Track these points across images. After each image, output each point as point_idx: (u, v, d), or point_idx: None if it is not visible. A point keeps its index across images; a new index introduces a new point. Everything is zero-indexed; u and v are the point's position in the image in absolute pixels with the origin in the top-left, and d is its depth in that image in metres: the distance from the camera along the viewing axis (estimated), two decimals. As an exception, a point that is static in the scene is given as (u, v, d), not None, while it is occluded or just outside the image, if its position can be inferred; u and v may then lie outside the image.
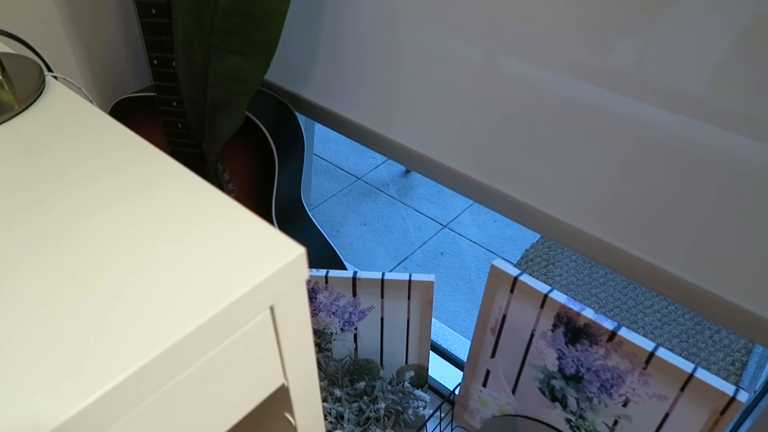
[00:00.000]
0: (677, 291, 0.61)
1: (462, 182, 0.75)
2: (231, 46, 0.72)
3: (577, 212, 0.66)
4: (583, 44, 0.56)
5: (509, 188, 0.70)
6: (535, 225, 0.70)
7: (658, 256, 0.62)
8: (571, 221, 0.67)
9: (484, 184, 0.73)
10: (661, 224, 0.59)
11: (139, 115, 0.92)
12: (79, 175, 0.52)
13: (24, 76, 0.64)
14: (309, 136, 1.37)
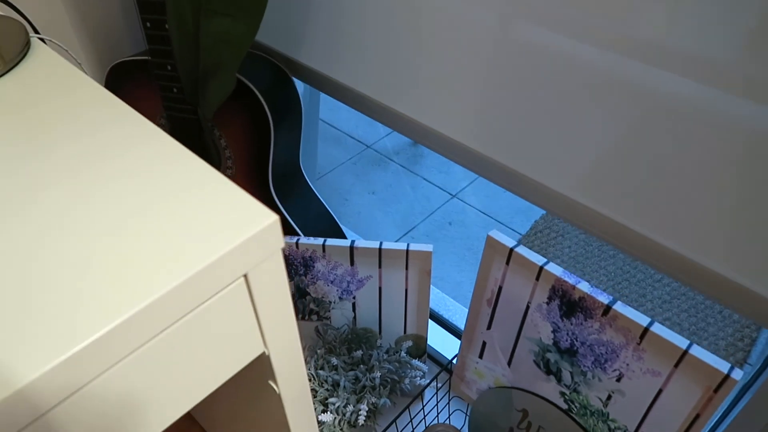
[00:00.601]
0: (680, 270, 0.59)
1: (464, 154, 0.73)
2: (220, 8, 0.70)
3: (578, 186, 0.63)
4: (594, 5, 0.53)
5: (510, 160, 0.68)
6: (537, 199, 0.68)
7: (660, 233, 0.59)
8: (573, 195, 0.64)
9: (485, 156, 0.70)
10: (664, 200, 0.57)
11: (136, 79, 0.91)
12: (55, 137, 0.51)
13: (8, 38, 0.63)
14: (314, 102, 1.35)
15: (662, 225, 0.59)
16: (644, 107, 0.54)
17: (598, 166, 0.60)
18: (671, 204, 0.56)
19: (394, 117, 0.79)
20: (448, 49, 0.66)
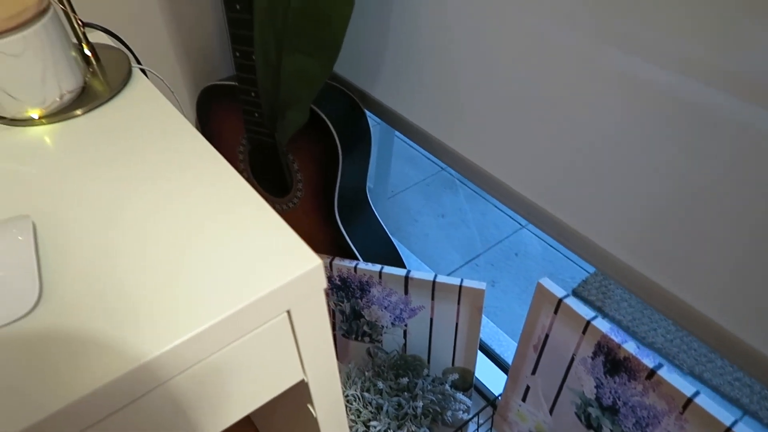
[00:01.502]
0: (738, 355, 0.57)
1: (516, 201, 0.74)
2: (299, 46, 0.75)
3: (626, 246, 0.63)
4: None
5: (562, 213, 0.69)
6: (584, 253, 0.68)
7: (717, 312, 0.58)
8: (620, 255, 0.64)
9: (537, 206, 0.71)
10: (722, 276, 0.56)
11: (223, 101, 0.98)
12: (140, 162, 0.57)
13: (115, 67, 0.71)
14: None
15: (721, 304, 0.57)
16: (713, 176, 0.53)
17: (650, 229, 0.60)
18: (733, 282, 0.55)
19: (452, 156, 0.81)
20: (501, 97, 0.68)
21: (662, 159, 0.55)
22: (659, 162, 0.56)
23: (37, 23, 0.58)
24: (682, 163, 0.54)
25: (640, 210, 0.60)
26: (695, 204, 0.55)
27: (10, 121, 0.63)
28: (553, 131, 0.65)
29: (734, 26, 0.45)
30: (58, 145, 0.61)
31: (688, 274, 0.58)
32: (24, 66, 0.59)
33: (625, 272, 0.64)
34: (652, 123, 0.54)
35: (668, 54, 0.50)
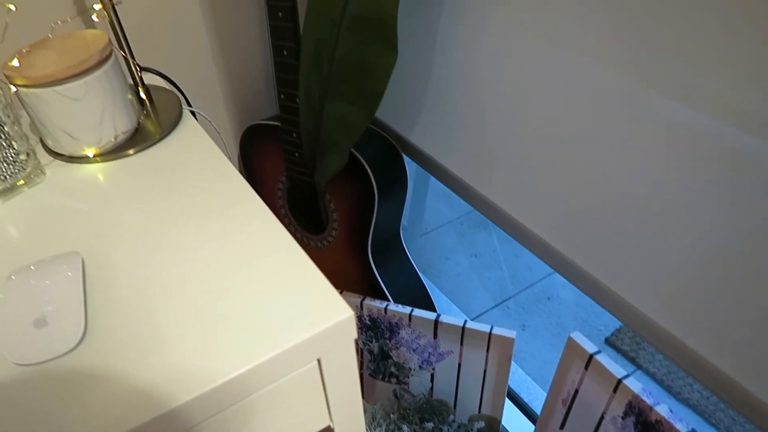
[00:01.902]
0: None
1: (546, 251, 0.74)
2: (342, 94, 0.78)
3: (663, 309, 0.62)
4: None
5: (592, 267, 0.68)
6: (615, 310, 0.68)
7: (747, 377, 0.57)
8: (657, 318, 0.63)
9: (567, 258, 0.71)
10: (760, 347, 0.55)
11: (265, 139, 1.02)
12: (185, 202, 0.60)
13: (167, 109, 0.75)
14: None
15: (756, 374, 0.56)
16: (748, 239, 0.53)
17: (683, 289, 0.59)
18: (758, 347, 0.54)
19: (491, 208, 0.82)
20: (549, 153, 0.68)
21: (703, 217, 0.55)
22: (698, 220, 0.55)
23: (99, 69, 0.62)
24: (723, 221, 0.53)
25: (672, 268, 0.60)
26: (734, 264, 0.54)
27: (68, 158, 0.67)
28: (588, 185, 0.65)
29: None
30: (109, 183, 0.64)
31: (721, 338, 0.57)
32: (84, 109, 0.63)
33: (655, 331, 0.64)
34: (692, 179, 0.54)
35: (717, 104, 0.51)
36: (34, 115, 0.63)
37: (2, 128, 0.59)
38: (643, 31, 0.51)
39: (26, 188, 0.64)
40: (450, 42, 0.75)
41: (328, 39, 0.74)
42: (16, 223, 0.59)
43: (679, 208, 0.56)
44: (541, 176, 0.71)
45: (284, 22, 0.84)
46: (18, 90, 0.61)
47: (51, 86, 0.60)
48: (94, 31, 0.66)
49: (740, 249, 0.52)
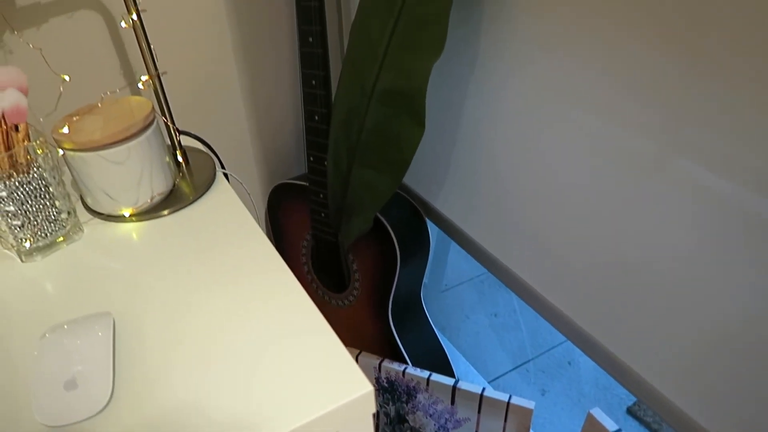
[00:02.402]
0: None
1: (562, 322, 0.74)
2: (369, 161, 0.80)
3: (677, 387, 0.62)
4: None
5: (608, 341, 0.68)
6: (633, 388, 0.67)
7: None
8: (671, 396, 0.62)
9: (583, 330, 0.71)
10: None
11: (292, 198, 1.05)
12: (218, 267, 0.62)
13: (201, 170, 0.78)
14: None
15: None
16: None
17: (701, 369, 0.59)
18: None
19: (513, 279, 0.82)
20: (570, 225, 0.69)
21: (727, 293, 0.55)
22: (722, 296, 0.55)
23: (142, 136, 0.66)
24: (748, 298, 0.53)
25: (691, 347, 0.59)
26: (757, 345, 0.54)
27: (106, 217, 0.70)
28: (608, 258, 0.65)
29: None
30: (143, 243, 0.67)
31: (739, 419, 0.56)
32: (125, 172, 0.66)
33: (670, 409, 0.63)
34: (715, 254, 0.55)
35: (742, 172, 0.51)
36: (78, 175, 0.66)
37: (47, 188, 0.63)
38: (669, 97, 0.53)
39: (64, 245, 0.67)
40: (473, 114, 0.78)
41: (359, 108, 0.77)
42: (53, 279, 0.62)
43: (701, 285, 0.56)
44: (560, 246, 0.71)
45: (317, 89, 0.87)
46: (65, 153, 0.64)
47: (96, 151, 0.63)
48: (139, 98, 0.70)
49: (763, 329, 0.52)
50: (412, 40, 0.66)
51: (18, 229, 0.62)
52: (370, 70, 0.73)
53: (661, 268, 0.59)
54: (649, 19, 0.51)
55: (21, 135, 0.59)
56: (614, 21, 0.54)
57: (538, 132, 0.68)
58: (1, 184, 0.59)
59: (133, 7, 0.64)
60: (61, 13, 0.77)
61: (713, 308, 0.56)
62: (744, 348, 0.54)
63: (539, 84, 0.65)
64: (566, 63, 0.60)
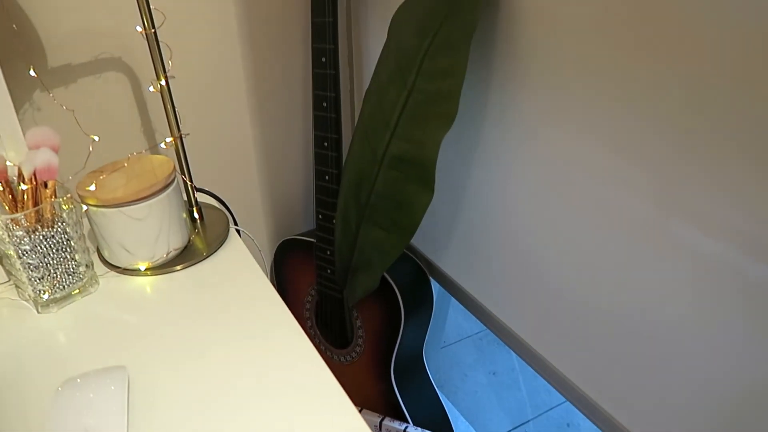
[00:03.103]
0: None
1: (561, 382, 0.75)
2: (378, 222, 0.83)
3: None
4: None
5: (607, 403, 0.69)
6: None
7: None
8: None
9: (581, 392, 0.72)
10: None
11: (298, 253, 1.07)
12: (230, 323, 0.63)
13: (215, 227, 0.80)
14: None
15: None
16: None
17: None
18: None
19: (509, 336, 0.84)
20: (570, 287, 0.71)
21: (728, 358, 0.56)
22: (723, 360, 0.57)
23: (163, 194, 0.68)
24: (748, 362, 0.55)
25: (690, 409, 0.60)
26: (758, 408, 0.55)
27: (122, 270, 0.72)
28: (608, 320, 0.67)
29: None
30: (157, 297, 0.68)
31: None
32: (144, 228, 0.68)
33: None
34: (714, 318, 0.56)
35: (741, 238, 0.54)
36: (98, 230, 0.69)
37: (69, 242, 0.65)
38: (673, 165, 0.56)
39: (80, 296, 0.68)
40: (478, 178, 0.81)
41: (370, 172, 0.81)
42: (68, 331, 0.63)
43: (699, 347, 0.58)
44: (561, 308, 0.73)
45: (329, 150, 0.91)
46: (88, 208, 0.67)
47: (118, 207, 0.66)
48: (161, 157, 0.73)
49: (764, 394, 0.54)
50: (424, 113, 0.70)
51: (38, 281, 0.64)
52: (382, 137, 0.77)
53: (660, 330, 0.61)
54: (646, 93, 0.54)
55: (49, 191, 0.62)
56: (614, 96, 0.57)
57: (541, 195, 0.71)
58: (27, 237, 0.61)
59: (162, 74, 0.68)
60: (90, 74, 0.81)
61: (712, 371, 0.57)
62: (742, 410, 0.55)
63: (541, 151, 0.68)
64: (568, 133, 0.64)
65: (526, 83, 0.67)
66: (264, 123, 1.00)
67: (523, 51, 0.65)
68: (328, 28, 0.85)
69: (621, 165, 0.59)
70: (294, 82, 1.00)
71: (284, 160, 1.06)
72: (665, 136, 0.54)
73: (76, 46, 0.78)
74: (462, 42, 0.64)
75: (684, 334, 0.59)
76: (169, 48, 0.79)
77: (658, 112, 0.54)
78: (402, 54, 0.71)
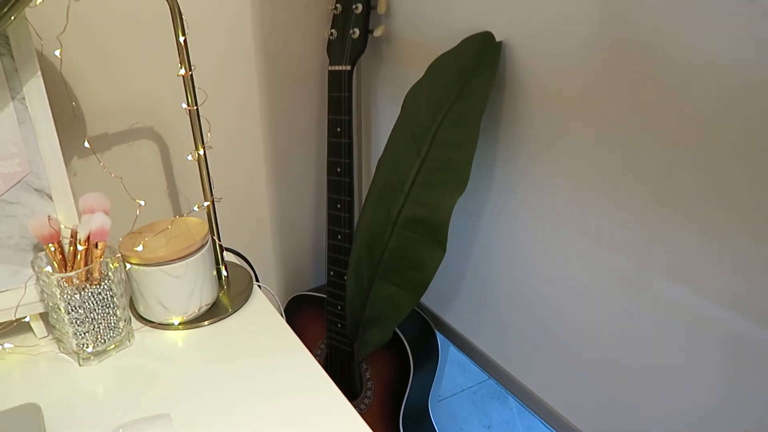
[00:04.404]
0: None
1: (564, 427, 0.81)
2: (391, 278, 0.89)
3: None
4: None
5: (618, 453, 0.74)
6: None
7: None
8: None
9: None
10: None
11: (308, 308, 1.12)
12: (258, 376, 0.68)
13: (239, 284, 0.86)
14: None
15: None
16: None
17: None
18: None
19: (513, 384, 0.89)
20: (571, 336, 0.78)
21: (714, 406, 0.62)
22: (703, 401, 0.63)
23: (198, 253, 0.74)
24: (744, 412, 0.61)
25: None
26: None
27: (157, 324, 0.77)
28: (609, 368, 0.73)
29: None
30: (190, 349, 0.73)
31: None
32: (181, 285, 0.74)
33: None
34: (697, 368, 0.63)
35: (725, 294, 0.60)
36: (137, 287, 0.74)
37: (113, 299, 0.70)
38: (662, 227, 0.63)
39: (117, 350, 0.73)
40: (485, 239, 0.89)
41: (384, 231, 0.88)
42: (109, 382, 0.68)
43: (686, 391, 0.64)
44: (561, 355, 0.79)
45: (342, 212, 0.98)
46: (131, 267, 0.72)
47: (159, 266, 0.71)
48: (195, 219, 0.80)
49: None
50: (438, 180, 0.78)
51: (82, 335, 0.69)
52: (396, 200, 0.84)
53: (655, 376, 0.67)
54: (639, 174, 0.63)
55: (99, 251, 0.68)
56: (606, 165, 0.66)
57: (543, 255, 0.79)
58: (77, 294, 0.66)
59: (201, 144, 0.75)
60: (124, 143, 0.88)
61: (692, 412, 0.63)
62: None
63: (540, 213, 0.76)
64: (563, 197, 0.72)
65: (528, 153, 0.75)
66: (279, 186, 1.07)
67: (524, 126, 0.74)
68: (344, 102, 0.94)
69: (614, 227, 0.67)
70: (307, 150, 1.08)
71: (296, 221, 1.13)
72: (652, 198, 0.62)
73: (114, 118, 0.86)
74: (473, 118, 0.73)
75: (673, 383, 0.65)
76: (207, 122, 0.87)
77: (645, 176, 0.62)
78: (416, 126, 0.80)
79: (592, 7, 0.62)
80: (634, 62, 0.59)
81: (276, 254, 1.13)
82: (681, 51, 0.55)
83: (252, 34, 0.92)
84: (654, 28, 0.57)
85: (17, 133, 0.67)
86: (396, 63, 0.97)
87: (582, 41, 0.64)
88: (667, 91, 0.57)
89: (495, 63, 0.72)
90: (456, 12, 0.80)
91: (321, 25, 0.99)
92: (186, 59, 0.70)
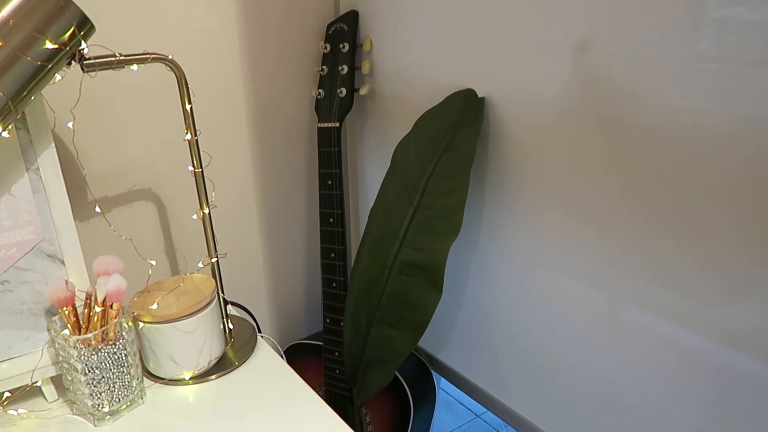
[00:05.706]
0: None
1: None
2: (389, 321, 0.93)
3: None
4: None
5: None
6: None
7: None
8: None
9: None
10: None
11: (305, 356, 1.14)
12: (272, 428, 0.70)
13: (243, 336, 0.88)
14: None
15: None
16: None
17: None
18: None
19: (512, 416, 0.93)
20: (563, 368, 0.82)
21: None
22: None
23: (207, 308, 0.77)
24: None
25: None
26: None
27: (167, 381, 0.78)
28: (606, 398, 0.78)
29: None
30: (201, 404, 0.75)
31: None
32: (192, 340, 0.76)
33: None
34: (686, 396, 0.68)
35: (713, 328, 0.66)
36: (149, 344, 0.76)
37: (127, 358, 0.72)
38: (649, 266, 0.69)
39: (130, 408, 0.74)
40: (478, 280, 0.94)
41: (380, 277, 0.92)
42: (128, 441, 0.69)
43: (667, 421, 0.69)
44: (553, 386, 0.84)
45: (336, 260, 1.02)
46: (143, 325, 0.75)
47: (172, 322, 0.74)
48: (201, 275, 0.83)
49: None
50: (432, 226, 0.83)
51: (98, 395, 0.70)
52: (392, 246, 0.89)
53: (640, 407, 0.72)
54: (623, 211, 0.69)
55: (114, 312, 0.70)
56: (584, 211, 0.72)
57: (526, 293, 0.84)
58: (95, 355, 0.68)
59: (206, 204, 0.79)
60: (126, 204, 0.91)
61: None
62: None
63: (525, 255, 0.82)
64: (546, 239, 0.78)
65: (512, 197, 0.81)
66: (272, 238, 1.11)
67: (507, 173, 0.81)
68: (334, 157, 1.00)
69: (590, 263, 0.73)
70: (298, 202, 1.13)
71: (289, 271, 1.16)
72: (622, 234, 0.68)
73: (116, 182, 0.89)
74: (462, 168, 0.79)
75: (656, 412, 0.70)
76: (211, 182, 0.91)
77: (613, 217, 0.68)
78: (407, 177, 0.86)
79: (564, 70, 0.69)
80: (605, 119, 0.67)
81: (271, 304, 1.16)
82: (642, 112, 0.62)
83: (245, 99, 0.98)
84: (621, 93, 0.64)
85: (32, 202, 0.70)
86: (381, 118, 1.04)
87: (556, 98, 0.71)
88: (634, 142, 0.64)
89: (479, 117, 0.79)
90: (434, 71, 0.88)
91: (308, 87, 1.06)
92: (192, 125, 0.74)
